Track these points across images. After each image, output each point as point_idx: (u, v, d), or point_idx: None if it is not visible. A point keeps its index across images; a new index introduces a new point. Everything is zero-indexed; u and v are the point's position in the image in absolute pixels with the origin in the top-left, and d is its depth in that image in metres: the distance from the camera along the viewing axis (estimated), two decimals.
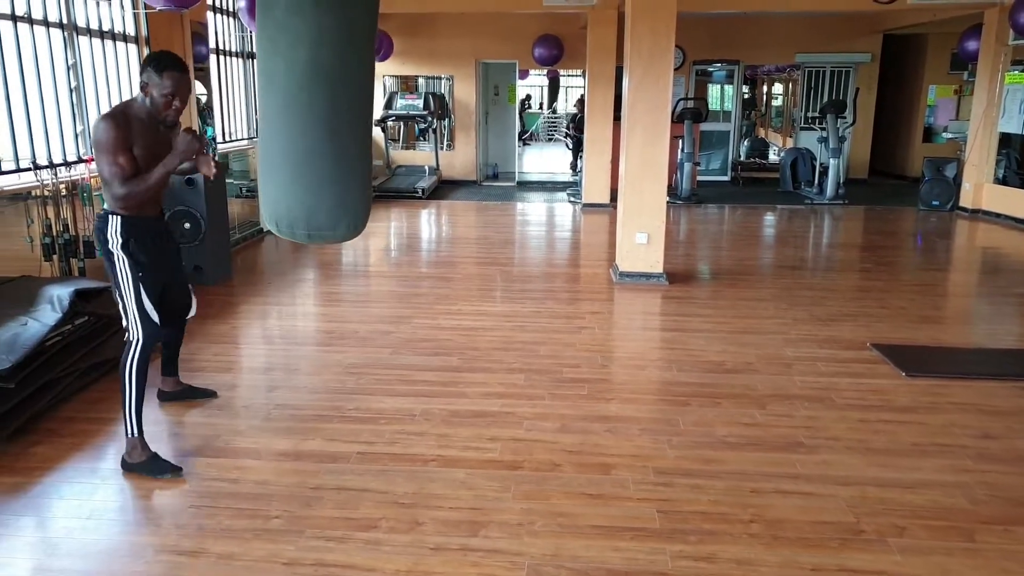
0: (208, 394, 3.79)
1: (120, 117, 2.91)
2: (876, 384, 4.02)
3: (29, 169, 4.97)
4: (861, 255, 7.68)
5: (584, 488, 2.95)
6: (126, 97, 6.34)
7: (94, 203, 5.13)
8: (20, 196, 4.92)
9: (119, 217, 3.01)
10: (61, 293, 3.84)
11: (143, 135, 2.95)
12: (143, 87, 2.95)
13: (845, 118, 10.76)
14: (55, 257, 4.88)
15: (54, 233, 4.88)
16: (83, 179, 5.21)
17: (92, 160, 4.85)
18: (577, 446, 3.30)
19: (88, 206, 5.10)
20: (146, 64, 2.94)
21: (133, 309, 3.04)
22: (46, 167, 5.04)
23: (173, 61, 2.95)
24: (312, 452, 3.24)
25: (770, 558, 2.51)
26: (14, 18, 4.98)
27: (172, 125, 3.06)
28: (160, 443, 3.33)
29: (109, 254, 3.04)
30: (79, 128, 5.71)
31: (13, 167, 4.95)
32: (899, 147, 13.40)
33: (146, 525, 2.68)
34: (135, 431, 3.06)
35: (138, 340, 3.05)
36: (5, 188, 4.86)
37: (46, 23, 5.33)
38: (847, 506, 2.82)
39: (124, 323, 3.07)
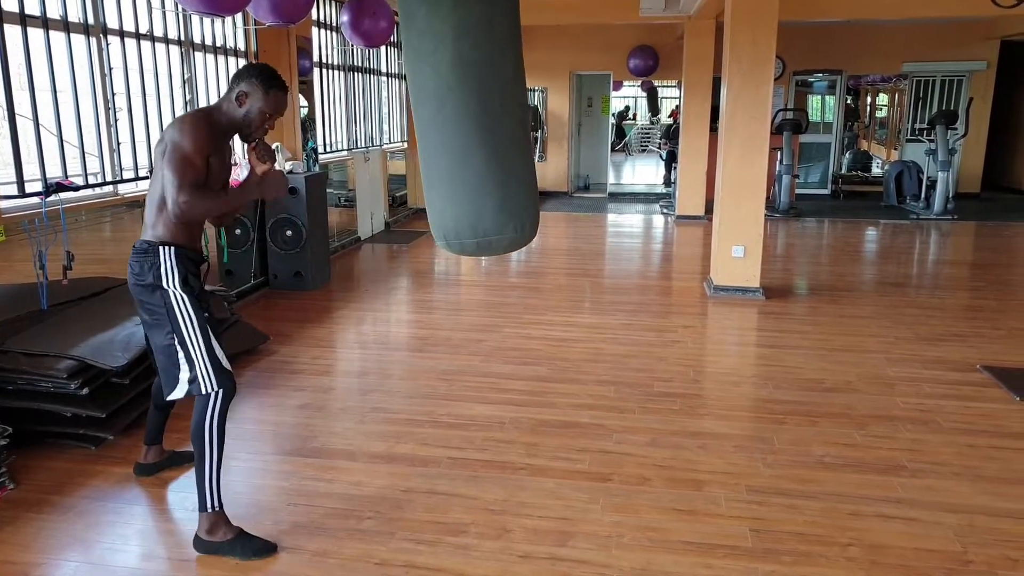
0: (189, 457, 3.07)
1: (204, 116, 2.59)
2: (986, 408, 3.81)
3: (147, 178, 5.27)
4: (972, 273, 7.29)
5: (675, 503, 2.90)
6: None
7: None
8: (138, 204, 5.23)
9: (171, 248, 2.55)
10: None
11: (220, 148, 2.62)
12: (240, 96, 2.58)
13: (956, 129, 10.25)
14: None
15: None
16: None
17: None
18: (668, 461, 3.25)
19: None
20: (249, 75, 2.59)
21: (203, 358, 2.54)
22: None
23: (280, 80, 2.66)
24: (404, 455, 3.30)
25: None
26: (138, 36, 5.32)
27: (252, 141, 2.69)
28: (263, 442, 3.48)
29: (163, 294, 2.54)
30: None
31: (132, 176, 5.28)
32: (1016, 159, 12.67)
33: (246, 520, 2.79)
34: (217, 503, 2.58)
35: (216, 393, 2.55)
36: (126, 195, 5.19)
37: (166, 40, 5.66)
38: (954, 535, 2.68)
39: (188, 375, 2.55)
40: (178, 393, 2.58)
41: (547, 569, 2.50)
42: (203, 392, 2.55)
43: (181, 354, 2.54)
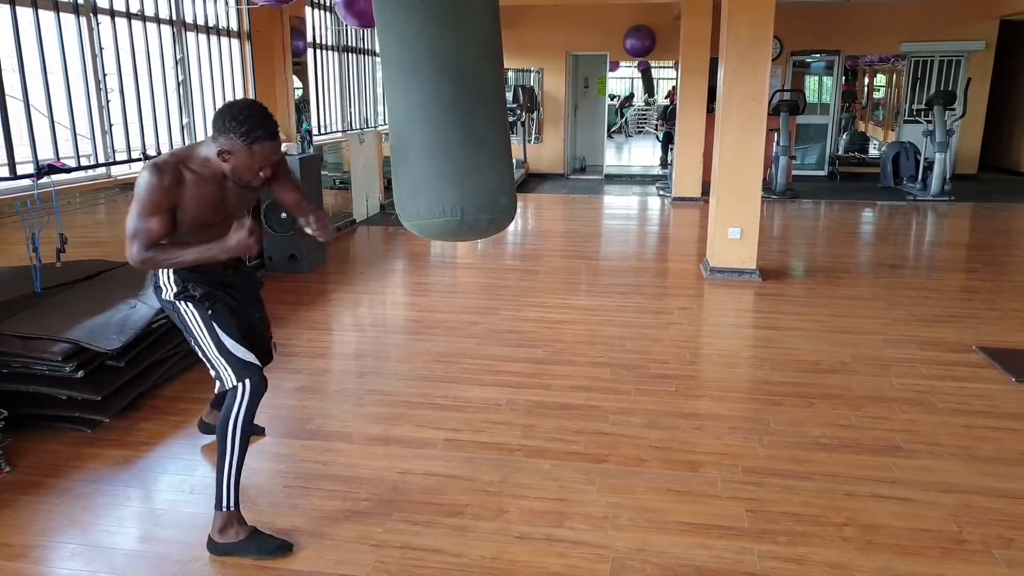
0: (258, 431, 3.23)
1: (170, 170, 2.30)
2: (982, 389, 3.82)
3: (139, 159, 5.24)
4: (968, 254, 7.29)
5: (671, 484, 2.91)
6: (227, 90, 6.60)
7: None
8: (131, 186, 5.19)
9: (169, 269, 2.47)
10: None
11: (201, 189, 2.36)
12: (222, 154, 2.29)
13: (954, 110, 10.22)
14: None
15: None
16: None
17: None
18: (664, 442, 3.25)
19: None
20: (227, 127, 2.24)
21: (217, 357, 2.48)
22: (154, 157, 5.29)
23: (267, 130, 2.27)
24: (401, 437, 3.30)
25: (864, 563, 2.42)
26: (129, 15, 5.26)
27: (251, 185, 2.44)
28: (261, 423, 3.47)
29: (169, 305, 2.52)
30: (185, 120, 5.98)
31: (125, 157, 5.24)
32: (1014, 140, 12.64)
33: (243, 502, 2.78)
34: (232, 502, 2.49)
35: (241, 387, 2.46)
36: (119, 178, 5.15)
37: (157, 20, 5.60)
38: (949, 514, 2.69)
39: (213, 372, 2.52)
40: (221, 386, 2.54)
41: (544, 550, 2.50)
42: (227, 386, 2.49)
43: (200, 355, 2.53)
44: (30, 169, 4.35)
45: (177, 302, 2.49)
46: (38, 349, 3.29)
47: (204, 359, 2.53)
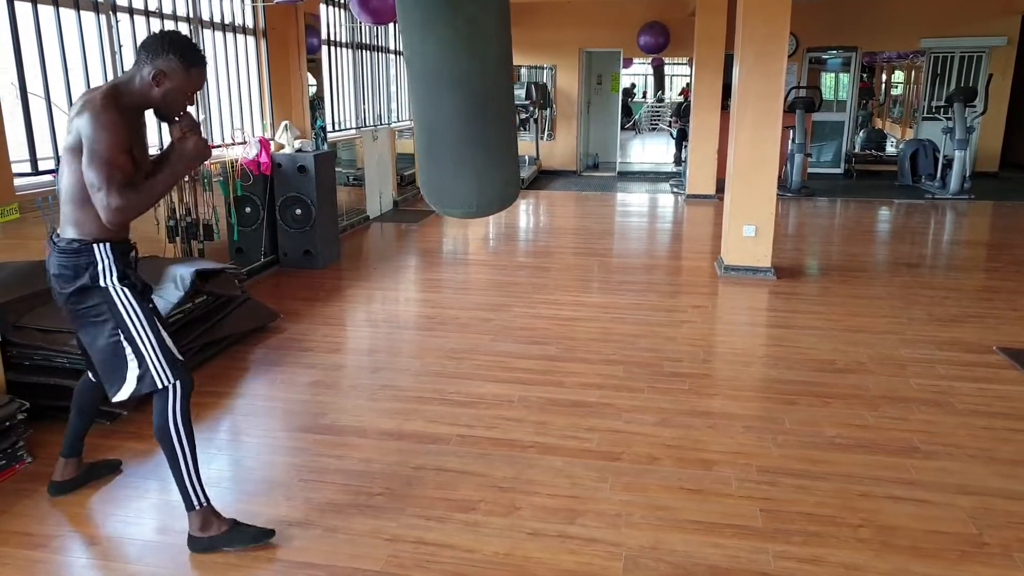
0: (113, 466, 3.00)
1: (117, 105, 2.25)
2: (1003, 390, 3.78)
3: (155, 156, 5.26)
4: (988, 253, 7.22)
5: (684, 483, 2.90)
6: (243, 87, 6.63)
7: (214, 188, 5.39)
8: None
9: (106, 245, 2.34)
10: (184, 273, 4.06)
11: (137, 131, 2.35)
12: (158, 76, 2.28)
13: (974, 107, 10.11)
14: (178, 239, 5.16)
15: (177, 216, 5.16)
16: (205, 165, 5.48)
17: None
18: (677, 440, 3.25)
19: (208, 191, 5.35)
20: (165, 50, 2.27)
21: (154, 351, 2.37)
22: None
23: (201, 54, 2.37)
24: (414, 433, 3.31)
25: (880, 565, 2.40)
26: (147, 13, 5.29)
27: (172, 121, 2.41)
28: (274, 419, 3.49)
29: (101, 293, 2.35)
30: (201, 116, 6.02)
31: None
32: None
33: (257, 495, 2.81)
34: (202, 498, 2.46)
35: (173, 387, 2.40)
36: None
37: (175, 17, 5.64)
38: (968, 516, 2.67)
39: (137, 371, 2.38)
40: (124, 392, 2.41)
41: (556, 547, 2.50)
42: (158, 387, 2.38)
43: (129, 350, 2.37)
44: (51, 164, 4.39)
45: (117, 287, 2.35)
46: (59, 342, 3.33)
47: (129, 353, 2.37)
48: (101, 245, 2.34)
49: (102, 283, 2.34)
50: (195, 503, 2.45)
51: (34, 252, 4.12)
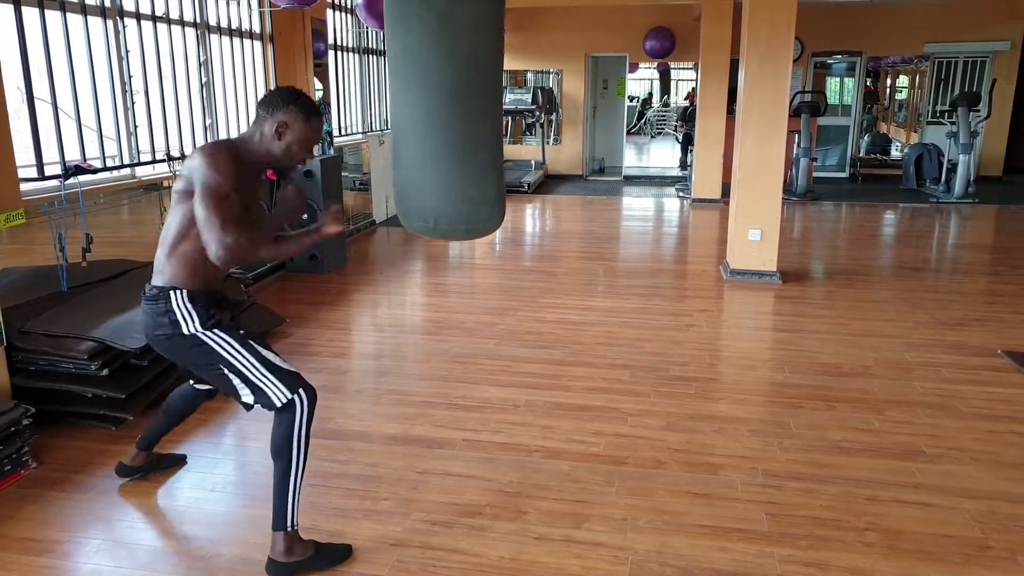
0: (178, 459, 3.09)
1: (233, 153, 2.26)
2: (1007, 393, 3.77)
3: (163, 160, 5.29)
4: (993, 257, 7.21)
5: (690, 487, 2.90)
6: (250, 92, 6.66)
7: None
8: (155, 187, 5.26)
9: (183, 292, 2.30)
10: None
11: (250, 183, 2.33)
12: (280, 128, 2.30)
13: (979, 111, 10.10)
14: None
15: None
16: None
17: None
18: (683, 445, 3.25)
19: None
20: (286, 102, 2.31)
21: (261, 375, 2.31)
22: (178, 158, 5.36)
23: (317, 106, 2.40)
24: (419, 437, 3.32)
25: (886, 569, 2.40)
26: (154, 18, 5.32)
27: (287, 173, 2.50)
28: None
29: (189, 338, 2.31)
30: (208, 122, 6.05)
31: (149, 158, 5.30)
32: None
33: (264, 500, 2.80)
34: (295, 520, 2.38)
35: (292, 402, 2.31)
36: (144, 178, 5.21)
37: (182, 23, 5.67)
38: (973, 520, 2.66)
39: (252, 398, 2.34)
40: (248, 400, 2.37)
41: (562, 551, 2.50)
42: (277, 405, 2.31)
43: (237, 380, 2.33)
44: (57, 170, 4.42)
45: (204, 333, 2.30)
46: (65, 347, 3.35)
47: (238, 384, 2.33)
48: (178, 293, 2.30)
49: (185, 332, 2.31)
50: (288, 524, 2.36)
51: (40, 257, 4.14)
